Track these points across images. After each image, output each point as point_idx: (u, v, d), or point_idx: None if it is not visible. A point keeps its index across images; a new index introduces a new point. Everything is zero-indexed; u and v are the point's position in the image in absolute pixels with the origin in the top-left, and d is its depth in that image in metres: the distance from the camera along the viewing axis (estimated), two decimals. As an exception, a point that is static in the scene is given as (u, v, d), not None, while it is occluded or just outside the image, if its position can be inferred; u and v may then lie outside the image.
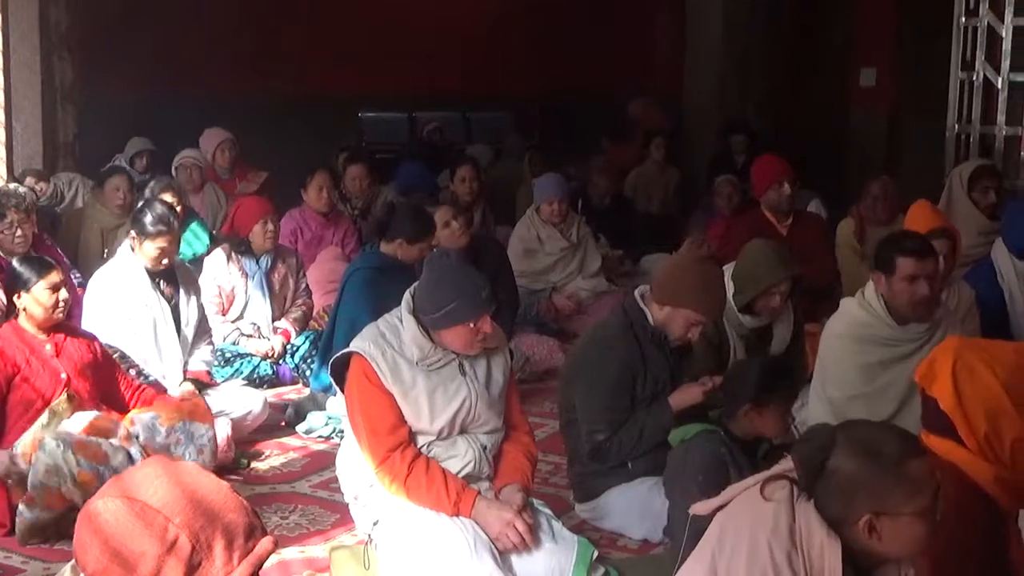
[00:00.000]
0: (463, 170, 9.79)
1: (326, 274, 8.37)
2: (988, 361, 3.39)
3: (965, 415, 3.37)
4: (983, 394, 3.36)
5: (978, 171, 8.36)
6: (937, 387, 3.43)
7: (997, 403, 3.34)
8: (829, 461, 2.76)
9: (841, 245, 8.52)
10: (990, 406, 3.34)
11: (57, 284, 5.35)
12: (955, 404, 3.38)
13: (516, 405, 4.90)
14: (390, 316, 4.66)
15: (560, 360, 7.40)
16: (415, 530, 4.46)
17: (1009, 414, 3.33)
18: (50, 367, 5.33)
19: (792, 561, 2.72)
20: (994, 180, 8.30)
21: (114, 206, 8.64)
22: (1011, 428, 3.33)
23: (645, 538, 5.14)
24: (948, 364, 3.42)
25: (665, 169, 12.47)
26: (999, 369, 3.37)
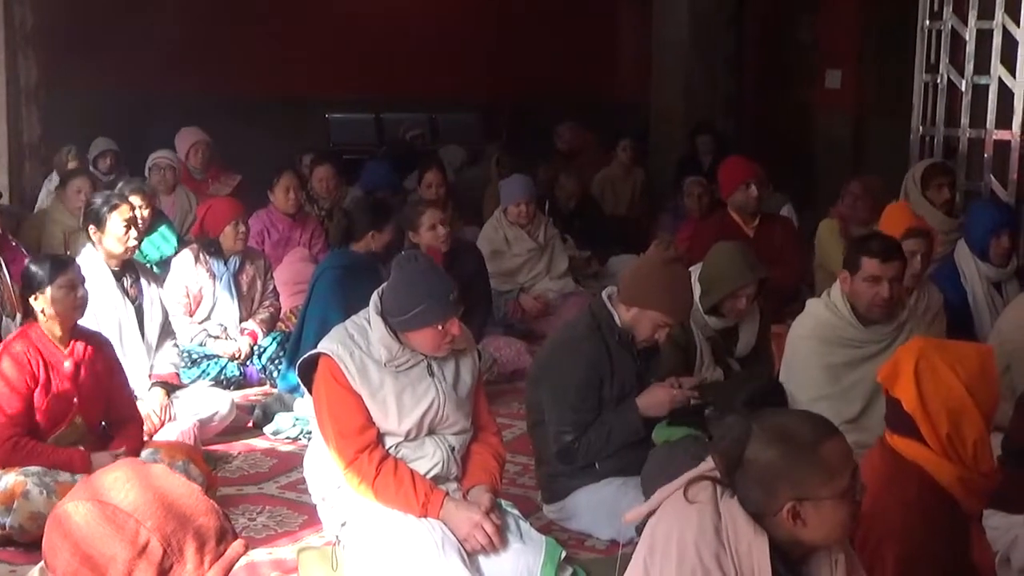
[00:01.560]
0: (430, 175, 9.78)
1: (293, 275, 8.36)
2: (951, 362, 3.43)
3: (927, 415, 3.41)
4: (945, 394, 3.39)
5: (929, 170, 8.44)
6: (900, 387, 3.47)
7: (959, 403, 3.38)
8: (746, 453, 2.78)
9: (823, 244, 8.56)
10: (952, 406, 3.38)
11: (73, 282, 5.16)
12: (918, 404, 3.42)
13: (484, 406, 4.92)
14: (358, 317, 4.66)
15: (528, 361, 7.41)
16: (383, 531, 4.47)
17: (971, 414, 3.37)
18: (66, 389, 5.12)
19: (721, 561, 2.74)
20: (947, 177, 8.39)
21: (75, 208, 8.60)
22: (973, 429, 3.37)
23: (613, 538, 5.15)
24: (911, 364, 3.46)
25: (631, 171, 12.48)
26: (961, 370, 3.41)
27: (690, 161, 12.41)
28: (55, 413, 5.10)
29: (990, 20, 9.05)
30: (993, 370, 3.46)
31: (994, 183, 9.34)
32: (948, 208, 8.21)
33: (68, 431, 5.10)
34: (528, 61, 14.93)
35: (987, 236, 6.77)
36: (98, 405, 5.28)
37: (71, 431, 5.12)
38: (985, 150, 9.41)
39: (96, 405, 5.26)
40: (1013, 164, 9.22)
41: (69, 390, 5.13)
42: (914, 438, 3.44)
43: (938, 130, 9.79)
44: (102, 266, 6.25)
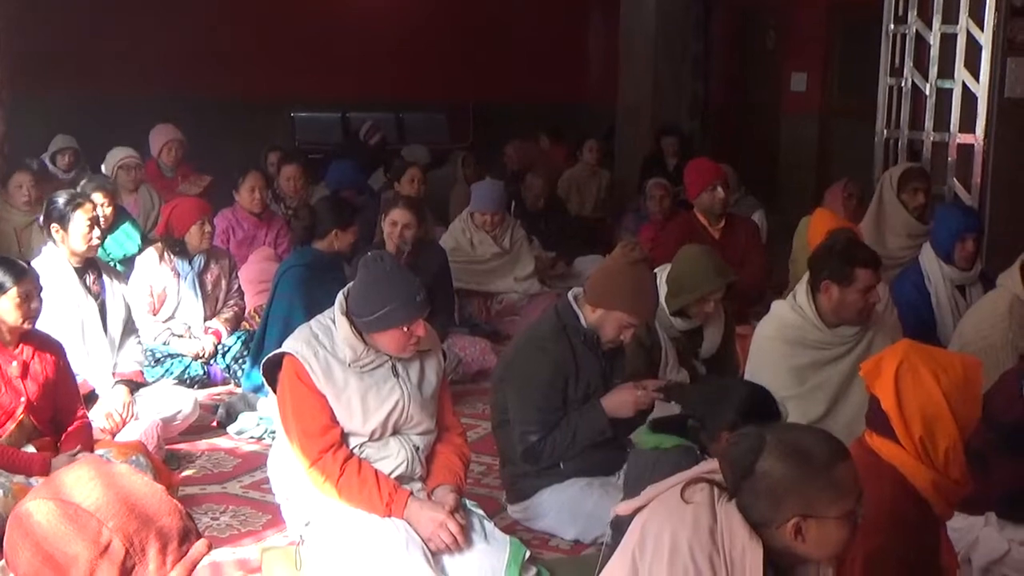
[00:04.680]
0: (412, 171, 9.80)
1: (258, 274, 8.33)
2: (934, 368, 3.44)
3: (902, 416, 3.43)
4: (923, 398, 3.41)
5: (907, 173, 8.48)
6: (880, 385, 3.50)
7: (935, 409, 3.40)
8: (758, 464, 2.78)
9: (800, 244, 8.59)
10: (928, 411, 3.40)
11: (30, 293, 5.12)
12: (894, 404, 3.45)
13: (449, 406, 4.92)
14: (323, 317, 4.65)
15: (493, 361, 7.41)
16: (347, 531, 4.46)
17: (945, 421, 3.39)
18: (12, 388, 5.10)
19: (713, 562, 2.74)
20: (923, 182, 8.42)
21: (20, 203, 8.57)
22: (946, 435, 3.39)
23: (577, 538, 5.17)
24: (894, 364, 3.48)
25: (596, 172, 12.51)
26: (943, 377, 3.42)
27: (655, 162, 12.42)
28: (1, 413, 5.08)
29: (954, 24, 9.12)
30: (977, 383, 3.47)
31: (958, 186, 9.40)
32: (920, 213, 8.24)
33: (16, 431, 5.08)
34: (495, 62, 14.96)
35: (952, 240, 6.81)
36: (46, 406, 5.24)
37: (19, 432, 5.10)
38: (949, 153, 9.47)
39: (44, 406, 5.22)
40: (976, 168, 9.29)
41: (16, 391, 5.10)
42: (891, 439, 3.46)
43: (902, 133, 9.85)
44: (64, 264, 6.22)
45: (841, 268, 5.39)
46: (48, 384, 5.21)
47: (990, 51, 8.94)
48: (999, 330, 5.78)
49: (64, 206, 6.23)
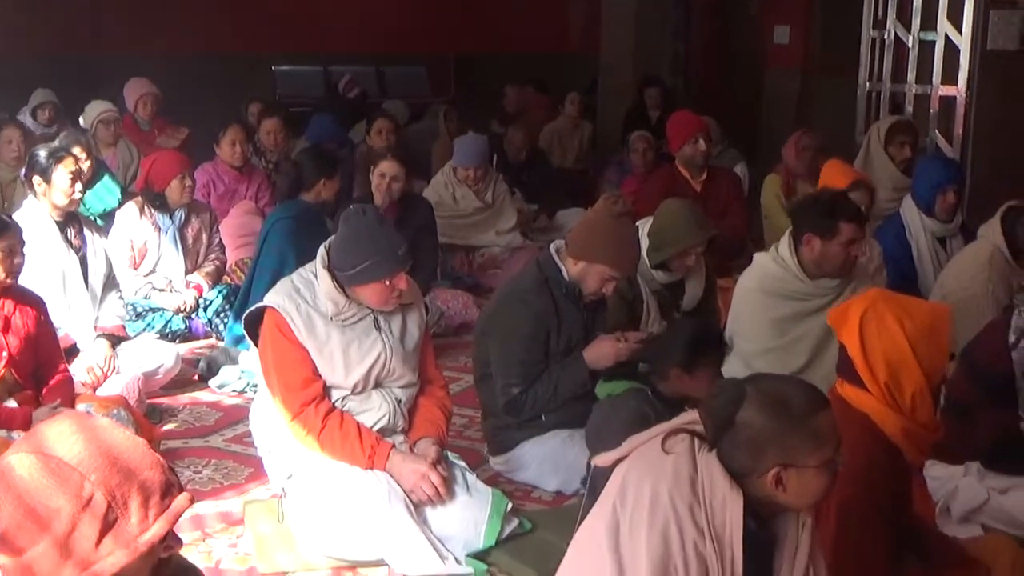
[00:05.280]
0: (380, 123, 9.78)
1: (239, 228, 8.32)
2: (899, 315, 3.47)
3: (867, 362, 3.46)
4: (887, 344, 3.44)
5: (895, 126, 8.49)
6: (846, 332, 3.52)
7: (900, 355, 3.42)
8: (739, 415, 2.79)
9: (767, 201, 8.61)
10: (892, 357, 3.42)
11: (13, 247, 5.09)
12: (859, 350, 3.47)
13: (431, 359, 4.93)
14: (304, 270, 4.65)
15: (475, 315, 7.41)
16: (329, 484, 4.47)
17: (910, 366, 3.41)
18: None
19: (694, 512, 2.75)
20: (910, 135, 8.43)
21: (10, 159, 8.51)
22: (911, 380, 3.42)
23: (559, 490, 5.19)
24: (859, 311, 3.51)
25: (579, 124, 12.50)
26: (908, 324, 3.44)
27: (638, 115, 12.41)
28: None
29: (937, -24, 9.11)
30: (944, 330, 3.49)
31: (939, 139, 9.43)
32: (906, 166, 8.25)
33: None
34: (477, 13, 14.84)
35: (933, 192, 6.82)
36: (27, 360, 5.22)
37: (0, 386, 5.10)
38: (931, 106, 9.49)
39: (25, 360, 5.20)
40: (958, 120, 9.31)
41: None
42: (860, 386, 3.48)
43: (884, 86, 9.86)
44: (46, 218, 6.19)
45: (824, 221, 5.40)
46: (29, 338, 5.20)
47: (973, 3, 8.96)
48: (979, 281, 5.81)
49: (46, 160, 6.20)
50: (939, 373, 3.47)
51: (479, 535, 4.51)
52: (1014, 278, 5.67)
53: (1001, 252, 5.86)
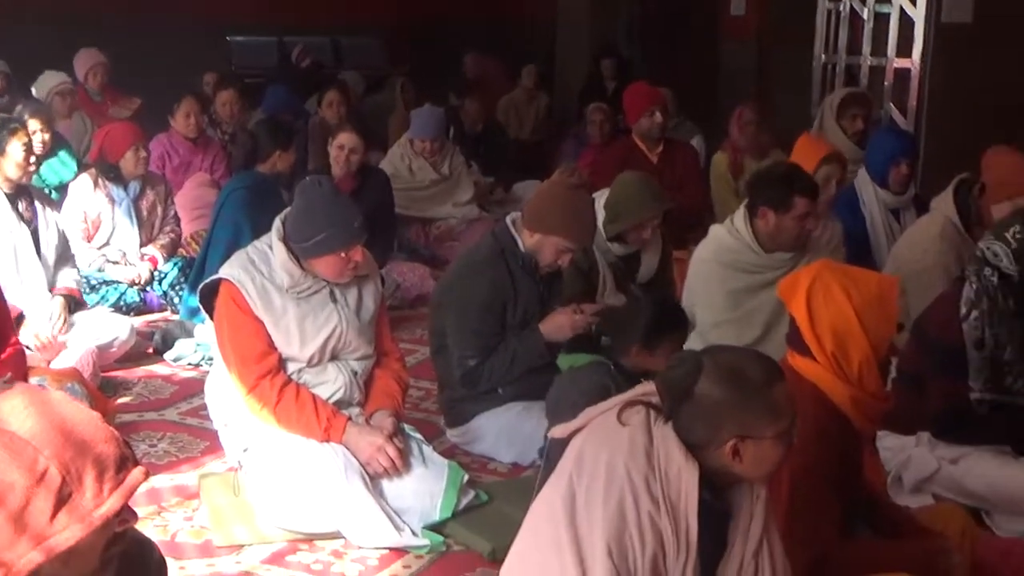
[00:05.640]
0: (331, 95, 9.74)
1: (194, 200, 8.28)
2: (846, 285, 3.50)
3: (814, 331, 3.50)
4: (833, 314, 3.47)
5: (847, 98, 8.51)
6: (794, 302, 3.56)
7: (846, 325, 3.45)
8: (696, 387, 2.80)
9: (715, 179, 8.64)
10: (838, 326, 3.46)
11: None
12: (806, 320, 3.51)
13: (387, 331, 4.93)
14: (260, 243, 4.63)
15: (431, 287, 7.39)
16: (285, 456, 4.47)
17: (856, 336, 3.45)
18: None
19: (650, 484, 2.77)
20: (863, 108, 8.45)
21: None
22: (858, 350, 3.45)
23: (515, 462, 5.21)
24: (807, 282, 3.53)
25: (535, 96, 12.50)
26: (855, 293, 3.47)
27: (594, 86, 12.41)
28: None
29: (893, -52, 9.15)
30: (891, 301, 3.51)
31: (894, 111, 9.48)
32: (859, 139, 8.28)
33: None
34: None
35: (887, 163, 6.84)
36: None
37: None
38: (886, 78, 9.53)
39: None
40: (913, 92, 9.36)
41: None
42: (810, 357, 3.51)
43: (840, 58, 9.90)
44: (-6, 189, 6.14)
45: (779, 194, 5.42)
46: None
47: (928, -25, 8.98)
48: (932, 254, 5.84)
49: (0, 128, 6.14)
50: (885, 343, 3.50)
51: (435, 507, 4.52)
52: (966, 250, 5.70)
53: (953, 224, 5.89)
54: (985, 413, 4.54)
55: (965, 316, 4.53)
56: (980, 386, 4.52)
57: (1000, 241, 4.59)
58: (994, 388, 4.54)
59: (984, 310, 4.52)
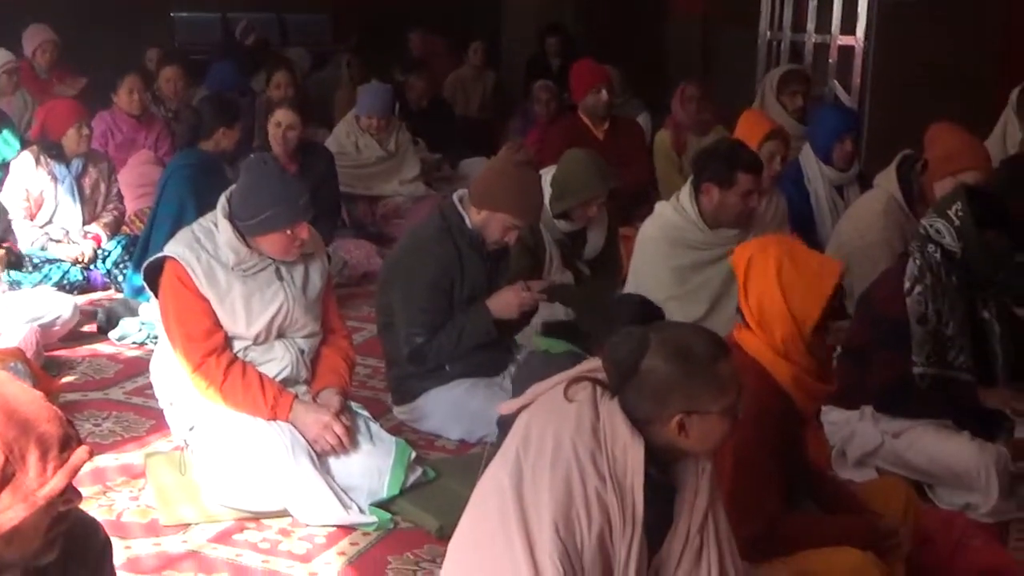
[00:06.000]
0: (279, 76, 9.66)
1: (138, 178, 8.21)
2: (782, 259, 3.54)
3: (747, 302, 3.55)
4: (761, 286, 3.53)
5: (787, 76, 8.58)
6: (738, 272, 3.58)
7: (771, 297, 3.50)
8: (643, 363, 2.81)
9: (659, 157, 8.67)
10: (763, 299, 3.52)
11: None
12: (742, 289, 3.54)
13: (333, 309, 4.91)
14: (205, 220, 4.61)
15: (378, 264, 7.39)
16: (232, 435, 4.46)
17: (779, 309, 3.49)
18: None
19: (596, 460, 2.78)
20: (802, 84, 8.52)
21: None
22: (781, 324, 3.50)
23: (462, 439, 5.22)
24: (751, 252, 3.56)
25: (482, 73, 12.48)
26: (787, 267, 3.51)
27: (539, 63, 12.41)
28: None
29: (837, -75, 9.20)
30: (827, 282, 3.51)
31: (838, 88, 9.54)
32: (800, 115, 8.36)
33: None
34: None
35: (831, 140, 6.89)
36: None
37: None
38: (830, 55, 9.59)
39: None
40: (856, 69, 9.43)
41: None
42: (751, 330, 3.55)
43: (785, 35, 9.95)
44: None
45: (723, 170, 5.45)
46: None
47: (871, -47, 9.04)
48: (875, 230, 5.88)
49: None
50: (810, 321, 3.50)
51: (383, 484, 4.52)
52: (909, 227, 5.75)
53: (896, 201, 5.94)
54: (927, 387, 4.59)
55: (909, 291, 4.58)
56: (922, 360, 4.57)
57: (942, 218, 4.64)
58: (936, 363, 4.59)
59: (927, 285, 4.57)
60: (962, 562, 4.08)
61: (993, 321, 4.78)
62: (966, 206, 4.60)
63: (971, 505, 4.56)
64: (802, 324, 3.50)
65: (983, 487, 4.52)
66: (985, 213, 4.59)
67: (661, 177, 8.58)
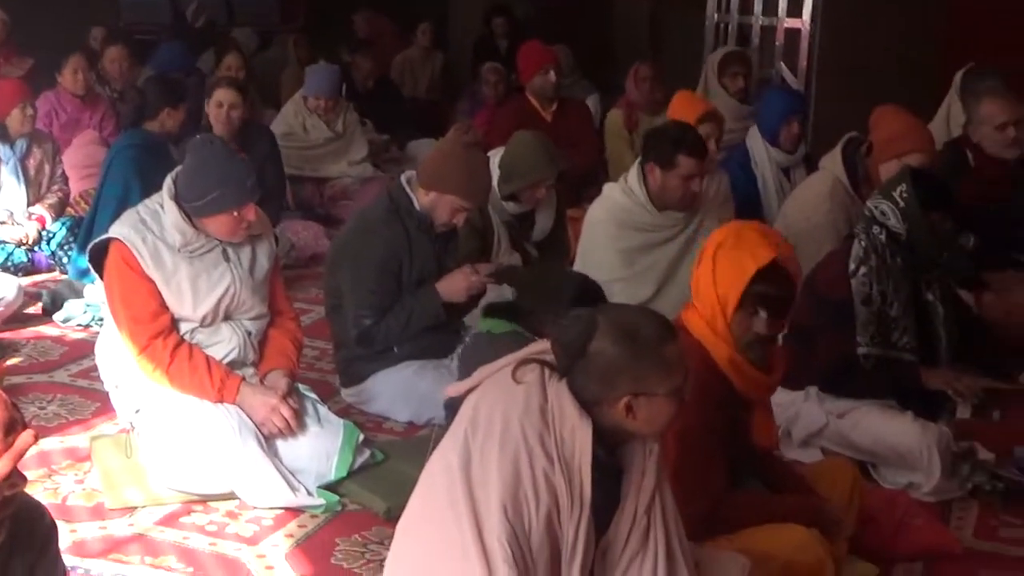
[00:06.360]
0: (229, 59, 9.59)
1: (83, 158, 8.14)
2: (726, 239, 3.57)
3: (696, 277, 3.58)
4: (701, 264, 3.61)
5: (727, 57, 8.63)
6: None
7: (704, 276, 3.58)
8: (591, 345, 2.83)
9: (610, 135, 8.68)
10: (700, 278, 3.59)
11: None
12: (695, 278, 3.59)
13: (281, 291, 4.90)
14: (151, 201, 4.57)
15: (326, 246, 7.36)
16: (178, 417, 4.43)
17: (706, 288, 3.56)
18: None
19: (544, 441, 2.79)
20: (743, 66, 8.59)
21: None
22: (707, 303, 3.57)
23: (410, 421, 5.22)
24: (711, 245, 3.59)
25: (431, 54, 12.44)
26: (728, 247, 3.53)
27: (486, 45, 12.40)
28: None
29: (785, -93, 9.23)
30: (748, 269, 3.51)
31: (784, 70, 9.59)
32: (742, 96, 8.43)
33: None
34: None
35: (778, 122, 6.93)
36: None
37: None
38: (777, 38, 9.63)
39: None
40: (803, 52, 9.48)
41: None
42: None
43: (732, 17, 9.99)
44: None
45: (665, 152, 5.48)
46: None
47: (818, -65, 9.09)
48: (821, 212, 5.93)
49: None
50: (730, 303, 3.50)
51: (331, 467, 4.52)
52: (854, 209, 5.80)
53: (842, 183, 5.99)
54: (871, 368, 4.64)
55: (854, 272, 4.62)
56: (867, 341, 4.62)
57: (888, 200, 4.69)
58: (880, 343, 4.64)
59: (872, 267, 4.62)
60: (904, 541, 4.14)
61: (937, 303, 4.83)
62: (911, 188, 4.65)
63: (914, 484, 4.61)
64: (724, 304, 3.53)
65: (926, 467, 4.57)
66: (929, 195, 4.64)
67: (612, 155, 8.60)
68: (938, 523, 4.37)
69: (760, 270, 3.49)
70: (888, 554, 4.09)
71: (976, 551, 4.29)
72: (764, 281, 3.51)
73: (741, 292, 3.51)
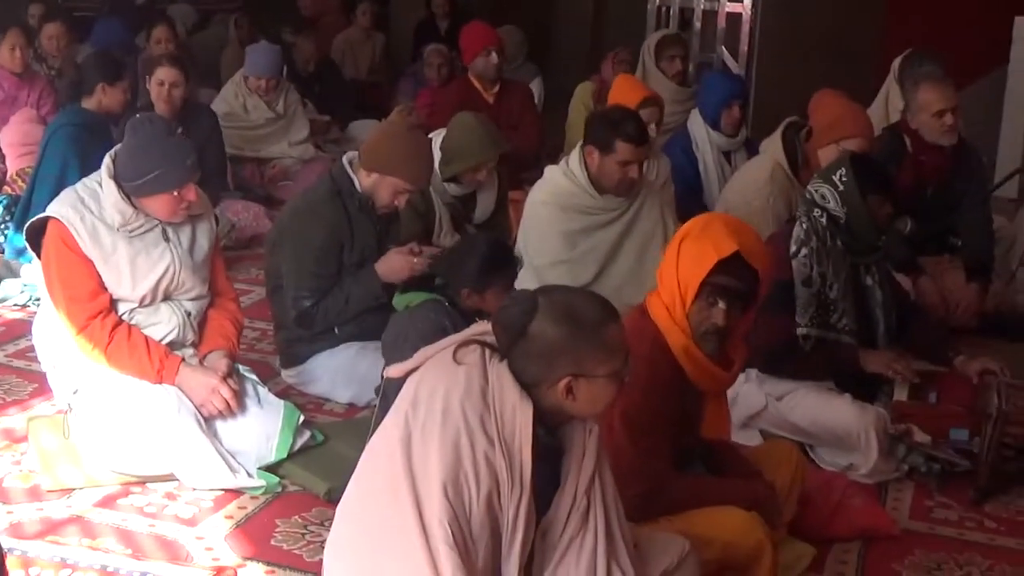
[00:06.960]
0: (159, 31, 9.51)
1: (21, 136, 8.04)
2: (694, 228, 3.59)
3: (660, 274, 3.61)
4: (668, 250, 3.63)
5: (663, 41, 8.67)
6: None
7: (668, 262, 3.59)
8: (531, 326, 2.83)
9: (576, 105, 8.72)
10: (665, 264, 3.61)
11: None
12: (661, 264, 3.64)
13: (221, 272, 4.87)
14: (89, 180, 4.53)
15: (266, 226, 7.32)
16: (117, 398, 4.41)
17: (669, 275, 3.57)
18: None
19: (485, 422, 2.80)
20: (680, 48, 8.64)
21: None
22: (668, 291, 3.58)
23: (351, 402, 5.21)
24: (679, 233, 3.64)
25: (371, 35, 12.38)
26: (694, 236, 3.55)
27: (427, 25, 12.37)
28: None
29: None
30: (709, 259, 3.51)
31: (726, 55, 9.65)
32: (680, 79, 8.47)
33: None
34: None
35: (719, 106, 6.97)
36: None
37: None
38: (718, 22, 9.67)
39: None
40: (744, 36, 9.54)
41: None
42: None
43: (674, 1, 10.01)
44: None
45: (604, 136, 5.48)
46: None
47: (759, -80, 9.13)
48: (761, 196, 5.97)
49: None
50: (690, 292, 3.52)
51: (271, 448, 4.50)
52: (794, 193, 5.84)
53: (782, 167, 6.03)
54: (810, 349, 4.67)
55: (795, 253, 4.66)
56: (806, 322, 4.65)
57: (828, 184, 4.73)
58: (819, 324, 4.67)
59: (813, 248, 4.65)
60: (842, 521, 4.19)
61: (875, 287, 4.87)
62: (850, 172, 4.69)
63: (852, 466, 4.66)
64: (684, 292, 3.54)
65: (863, 448, 4.62)
66: (868, 179, 4.68)
67: (572, 125, 8.64)
68: (875, 504, 4.43)
69: (721, 260, 3.49)
70: (826, 535, 4.14)
71: (911, 531, 4.35)
72: (725, 272, 3.51)
73: (701, 281, 3.52)
